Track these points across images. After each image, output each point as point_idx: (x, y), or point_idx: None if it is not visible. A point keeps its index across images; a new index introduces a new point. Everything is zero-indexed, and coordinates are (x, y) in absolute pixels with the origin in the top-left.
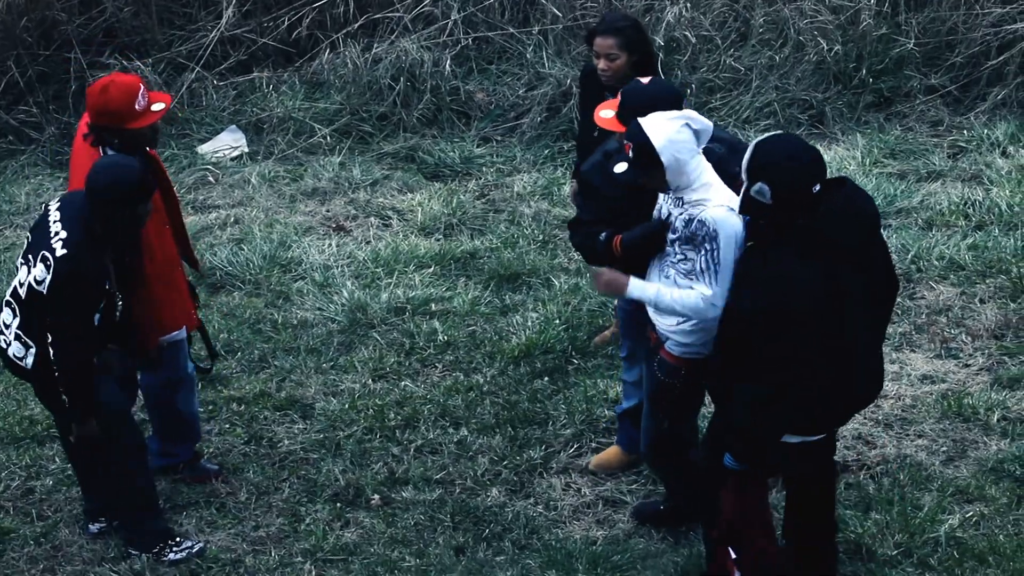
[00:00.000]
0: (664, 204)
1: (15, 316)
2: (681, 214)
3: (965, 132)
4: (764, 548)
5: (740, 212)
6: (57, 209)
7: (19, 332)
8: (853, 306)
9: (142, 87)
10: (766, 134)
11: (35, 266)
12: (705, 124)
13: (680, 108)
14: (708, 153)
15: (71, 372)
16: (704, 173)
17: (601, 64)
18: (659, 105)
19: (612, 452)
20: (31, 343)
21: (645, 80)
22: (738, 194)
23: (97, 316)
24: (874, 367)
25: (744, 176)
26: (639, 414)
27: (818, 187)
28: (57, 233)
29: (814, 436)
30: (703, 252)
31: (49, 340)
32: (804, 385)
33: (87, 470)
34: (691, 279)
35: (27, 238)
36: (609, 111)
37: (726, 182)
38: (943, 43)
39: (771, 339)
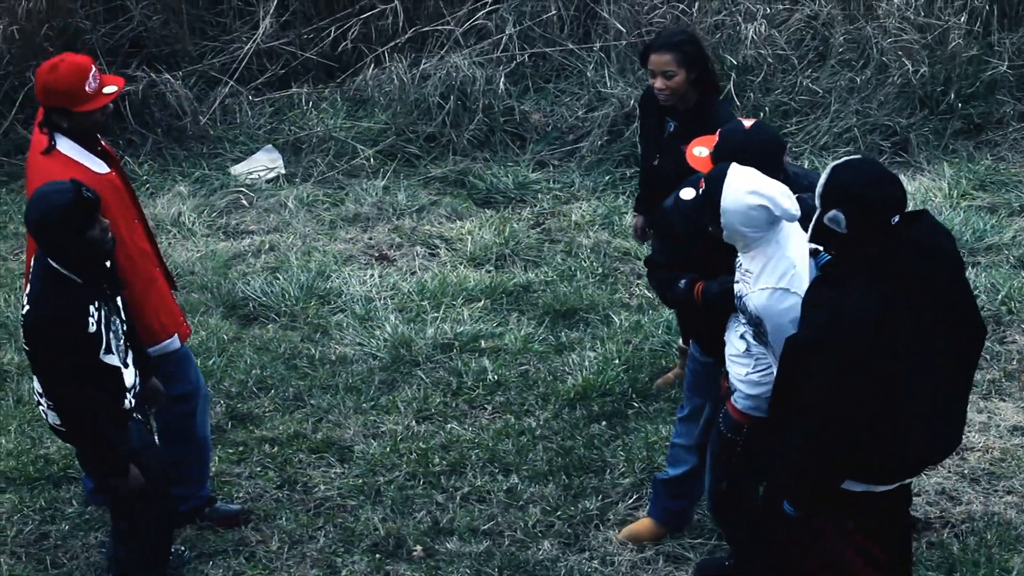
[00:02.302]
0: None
1: None
2: (737, 281)
3: None
4: None
5: (811, 240)
6: (34, 261)
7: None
8: (910, 341)
9: (94, 68)
10: (843, 158)
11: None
12: (789, 213)
13: (780, 159)
14: (799, 203)
15: (77, 431)
16: (766, 246)
17: (658, 83)
18: (758, 153)
19: (643, 524)
20: None
21: (748, 123)
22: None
23: (115, 358)
24: (943, 414)
25: (818, 202)
26: (682, 483)
27: (896, 218)
28: (26, 288)
29: (880, 486)
30: (761, 332)
31: (47, 399)
32: (852, 417)
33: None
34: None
35: None
36: (703, 149)
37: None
38: None
39: (822, 368)
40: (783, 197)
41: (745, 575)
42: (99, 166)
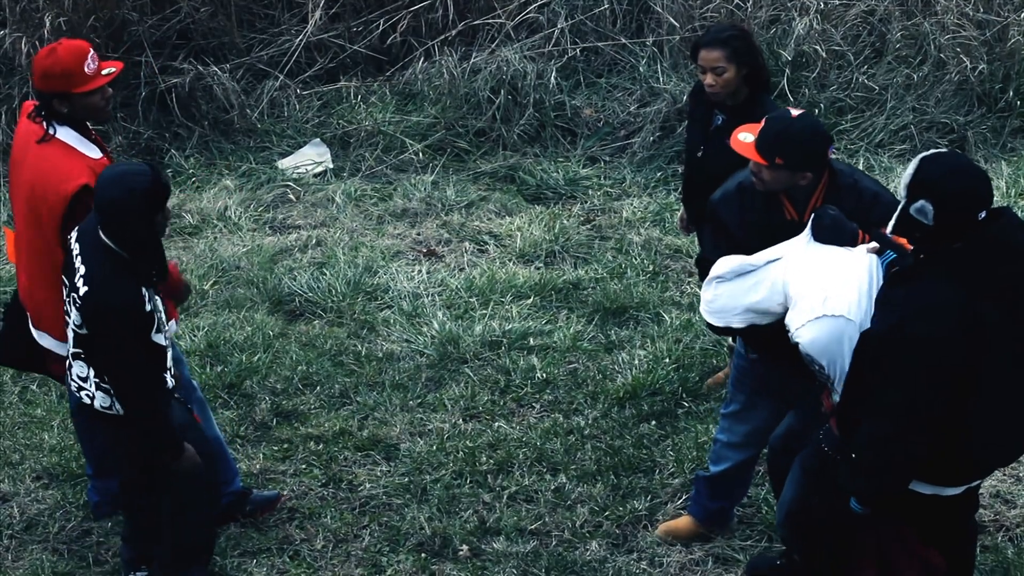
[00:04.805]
0: None
1: (88, 367)
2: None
3: None
4: None
5: (893, 232)
6: (76, 241)
7: (98, 381)
8: (993, 342)
9: (91, 51)
10: (932, 150)
11: (72, 311)
12: (735, 266)
13: (824, 152)
14: (820, 215)
15: (142, 411)
16: (786, 287)
17: (708, 79)
18: (799, 141)
19: (683, 522)
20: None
21: (795, 112)
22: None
23: (162, 337)
24: (1007, 414)
25: (903, 192)
26: (723, 482)
27: (984, 213)
28: (78, 269)
29: (949, 488)
30: (820, 372)
31: (108, 383)
32: (927, 416)
33: (135, 513)
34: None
35: (63, 282)
36: (748, 135)
37: (866, 229)
38: None
39: (897, 366)
40: (719, 266)
41: None
42: (94, 152)
